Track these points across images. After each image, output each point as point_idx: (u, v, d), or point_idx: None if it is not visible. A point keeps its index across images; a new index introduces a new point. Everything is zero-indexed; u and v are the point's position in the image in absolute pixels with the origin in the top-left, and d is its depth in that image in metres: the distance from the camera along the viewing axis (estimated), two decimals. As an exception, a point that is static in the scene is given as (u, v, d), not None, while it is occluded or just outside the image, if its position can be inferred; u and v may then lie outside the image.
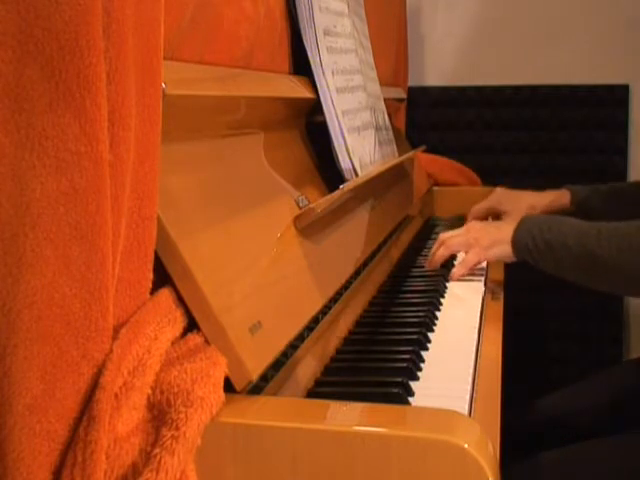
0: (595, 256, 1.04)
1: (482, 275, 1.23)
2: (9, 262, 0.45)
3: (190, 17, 0.69)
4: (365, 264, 1.07)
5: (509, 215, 1.44)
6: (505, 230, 1.15)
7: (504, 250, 1.15)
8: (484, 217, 1.53)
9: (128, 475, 0.50)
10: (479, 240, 1.18)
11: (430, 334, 0.95)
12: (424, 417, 0.57)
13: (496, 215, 1.52)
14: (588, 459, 1.06)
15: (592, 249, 1.04)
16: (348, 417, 0.57)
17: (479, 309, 1.08)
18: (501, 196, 1.50)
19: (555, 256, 1.08)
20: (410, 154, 1.47)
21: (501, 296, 1.17)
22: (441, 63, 2.09)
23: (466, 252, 1.21)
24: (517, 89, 2.03)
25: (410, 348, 0.87)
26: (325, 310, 0.85)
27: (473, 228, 1.22)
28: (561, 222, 1.11)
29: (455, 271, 1.21)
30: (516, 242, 1.13)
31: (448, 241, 1.23)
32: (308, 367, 0.79)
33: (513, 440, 1.03)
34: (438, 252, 1.23)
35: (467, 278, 1.21)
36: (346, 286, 0.96)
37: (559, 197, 1.46)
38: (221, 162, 0.74)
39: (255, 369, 0.61)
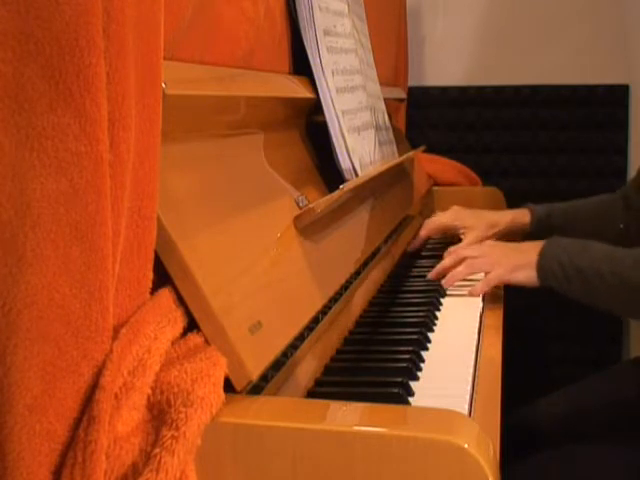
0: (632, 286, 1.02)
1: (482, 276, 1.22)
2: (9, 262, 0.45)
3: (190, 17, 0.69)
4: (365, 264, 1.07)
5: (472, 230, 1.37)
6: (528, 254, 1.10)
7: (528, 276, 1.10)
8: (442, 233, 1.46)
9: (128, 475, 0.50)
10: (502, 262, 1.13)
11: (430, 334, 0.95)
12: (424, 417, 0.57)
13: (454, 232, 1.44)
14: (588, 459, 1.06)
15: (628, 278, 1.02)
16: (348, 417, 0.57)
17: (479, 309, 1.08)
18: (460, 212, 1.44)
19: (587, 284, 1.05)
20: (410, 154, 1.47)
21: (501, 296, 1.17)
22: (441, 63, 2.09)
23: (487, 273, 1.16)
24: (517, 89, 2.03)
25: (410, 348, 0.87)
26: (325, 310, 0.85)
27: (493, 251, 1.17)
28: (589, 247, 1.07)
29: (477, 288, 1.15)
30: (541, 268, 1.08)
31: (471, 260, 1.16)
32: (308, 367, 0.79)
33: (513, 440, 1.03)
34: (458, 269, 1.17)
35: (467, 278, 1.21)
36: (346, 286, 0.96)
37: (520, 216, 1.42)
38: (221, 162, 0.74)
39: (255, 369, 0.61)
